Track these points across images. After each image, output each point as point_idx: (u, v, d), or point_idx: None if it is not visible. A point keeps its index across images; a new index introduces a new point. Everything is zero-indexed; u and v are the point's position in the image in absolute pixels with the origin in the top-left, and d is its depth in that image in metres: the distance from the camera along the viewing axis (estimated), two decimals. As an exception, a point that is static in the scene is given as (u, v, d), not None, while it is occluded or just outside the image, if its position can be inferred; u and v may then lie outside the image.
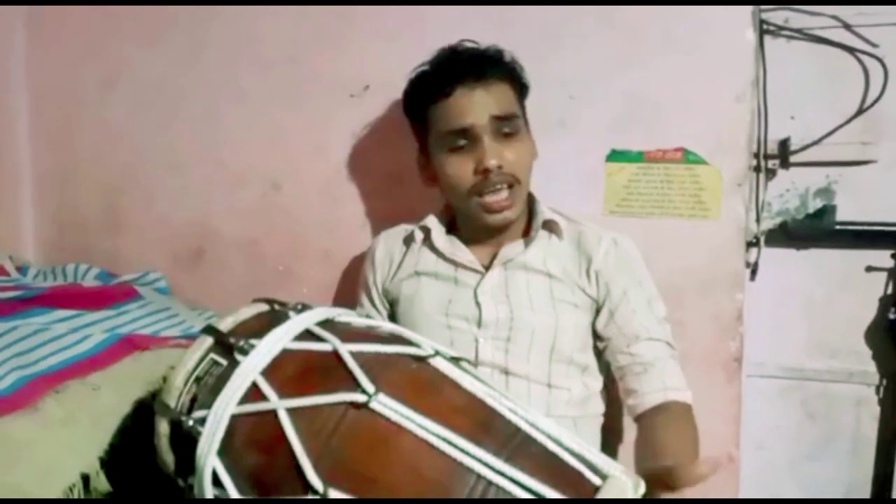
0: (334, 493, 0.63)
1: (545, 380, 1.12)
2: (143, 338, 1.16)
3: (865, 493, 1.44)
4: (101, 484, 0.90)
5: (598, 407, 1.19)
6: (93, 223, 1.66)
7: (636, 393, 1.09)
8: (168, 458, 0.78)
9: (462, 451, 0.63)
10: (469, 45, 1.15)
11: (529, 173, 1.14)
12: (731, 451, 1.32)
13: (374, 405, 0.67)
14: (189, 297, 1.51)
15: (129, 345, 1.12)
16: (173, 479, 0.78)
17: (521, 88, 1.16)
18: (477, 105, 1.08)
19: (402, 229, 1.26)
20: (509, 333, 1.12)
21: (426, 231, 1.21)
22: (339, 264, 1.51)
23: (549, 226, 1.17)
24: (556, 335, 1.12)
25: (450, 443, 0.64)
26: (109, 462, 0.92)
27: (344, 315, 0.85)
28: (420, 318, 1.16)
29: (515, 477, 0.62)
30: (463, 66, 1.10)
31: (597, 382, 1.18)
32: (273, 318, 0.80)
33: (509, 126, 1.09)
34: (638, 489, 0.65)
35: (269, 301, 0.85)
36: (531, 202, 1.20)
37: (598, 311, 1.15)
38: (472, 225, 1.18)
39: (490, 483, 0.62)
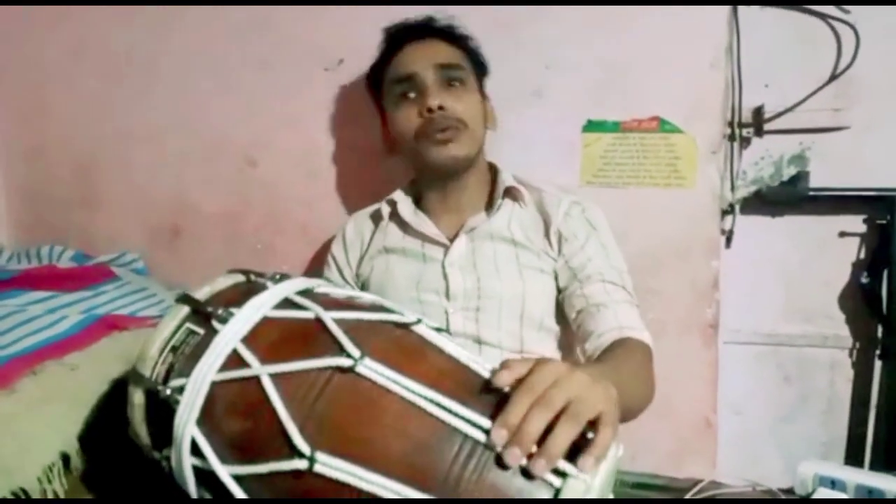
0: (322, 456, 0.63)
1: (518, 346, 1.12)
2: (120, 318, 1.15)
3: (840, 454, 1.48)
4: (82, 463, 0.90)
5: None
6: (66, 200, 1.64)
7: (592, 335, 1.03)
8: (142, 429, 0.76)
9: (449, 411, 0.63)
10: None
11: (479, 124, 1.17)
12: (709, 416, 1.34)
13: (359, 369, 0.66)
14: (166, 276, 1.50)
15: (107, 325, 1.11)
16: (147, 451, 0.77)
17: (471, 54, 1.21)
18: (422, 55, 1.15)
19: (370, 209, 1.29)
20: (478, 303, 1.13)
21: (392, 204, 1.23)
22: (318, 240, 1.51)
23: (512, 193, 1.18)
24: (524, 301, 1.12)
25: (436, 403, 0.64)
26: (89, 441, 0.92)
27: (323, 286, 0.84)
28: (391, 295, 1.16)
29: None
30: (411, 28, 1.20)
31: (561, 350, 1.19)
32: (250, 288, 0.79)
33: (455, 74, 1.15)
34: (618, 450, 0.66)
35: (246, 272, 0.84)
36: (494, 172, 1.22)
37: (556, 265, 1.14)
38: (429, 185, 1.20)
39: (477, 443, 0.61)
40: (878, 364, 1.43)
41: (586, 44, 1.33)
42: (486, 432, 0.61)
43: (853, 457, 1.46)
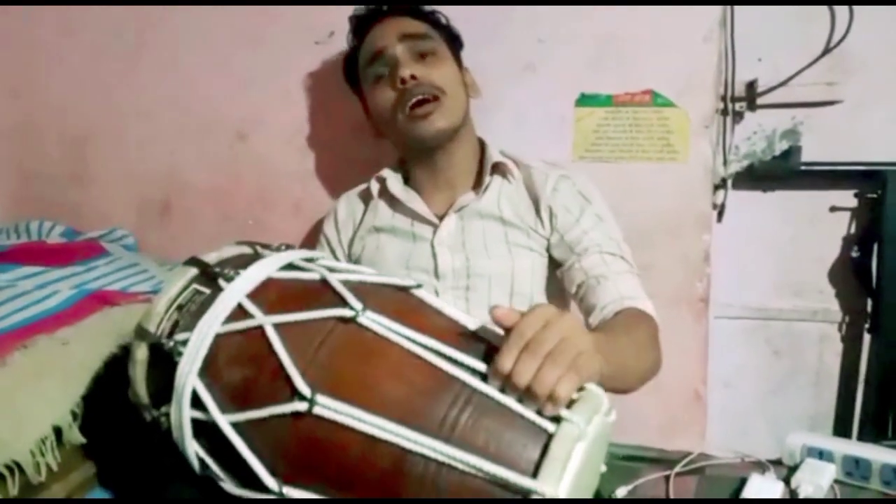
0: (322, 399, 0.64)
1: None
2: (112, 293, 1.15)
3: (828, 426, 1.49)
4: (75, 436, 0.91)
5: None
6: (57, 176, 1.63)
7: (595, 309, 1.03)
8: (142, 388, 0.77)
9: (447, 359, 0.65)
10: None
11: (459, 92, 1.15)
12: (699, 389, 1.35)
13: (361, 320, 0.68)
14: (157, 252, 1.50)
15: (98, 300, 1.11)
16: (146, 410, 0.78)
17: (439, 26, 1.20)
18: (387, 31, 1.15)
19: (359, 188, 1.28)
20: (467, 282, 1.13)
21: (381, 181, 1.22)
22: (311, 216, 1.51)
23: (500, 168, 1.16)
24: (513, 279, 1.12)
25: (435, 352, 0.66)
26: (82, 415, 0.92)
27: (327, 259, 0.86)
28: None
29: None
30: (374, 10, 1.19)
31: None
32: (256, 258, 0.81)
33: (424, 45, 1.13)
34: (610, 414, 0.67)
35: (252, 244, 0.86)
36: (482, 149, 1.20)
37: (550, 243, 1.13)
38: (417, 161, 1.18)
39: (475, 390, 0.63)
40: (866, 337, 1.44)
41: (579, 17, 1.32)
42: (484, 379, 0.63)
43: (841, 429, 1.48)
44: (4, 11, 1.60)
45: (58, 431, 0.89)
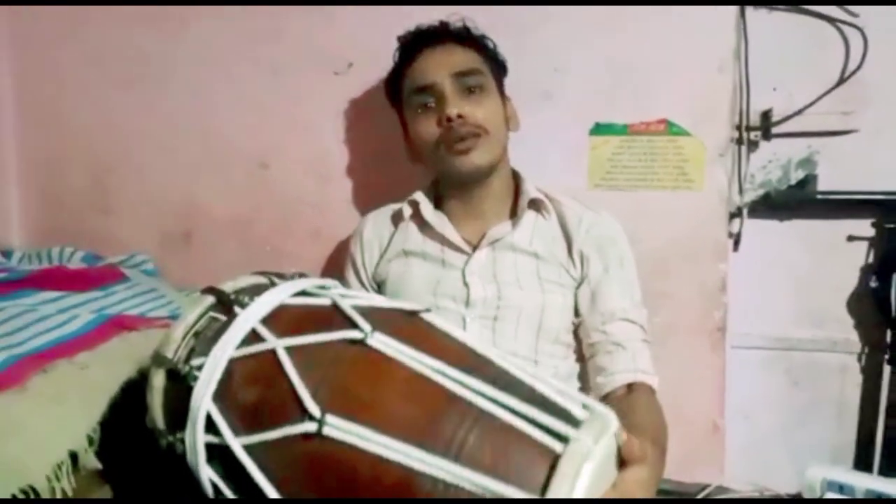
0: (332, 419, 0.65)
1: (532, 357, 1.13)
2: (130, 318, 1.16)
3: (849, 458, 1.47)
4: (91, 461, 0.90)
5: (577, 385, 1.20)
6: (80, 204, 1.65)
7: (605, 371, 1.09)
8: (158, 414, 0.79)
9: (455, 381, 0.66)
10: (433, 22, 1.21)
11: (501, 128, 1.16)
12: (717, 420, 1.34)
13: (370, 341, 0.70)
14: (177, 279, 1.51)
15: (117, 325, 1.12)
16: (162, 436, 0.79)
17: (487, 55, 1.20)
18: (438, 64, 1.14)
19: (389, 208, 1.28)
20: (496, 312, 1.13)
21: (414, 205, 1.22)
22: (330, 243, 1.52)
23: (535, 204, 1.18)
24: (542, 314, 1.13)
25: (442, 373, 0.67)
26: (99, 440, 0.92)
27: (339, 287, 0.87)
28: (408, 298, 1.17)
29: (507, 403, 0.63)
30: (424, 34, 1.18)
31: (580, 363, 1.19)
32: (271, 287, 0.83)
33: (473, 81, 1.14)
34: (620, 435, 0.67)
35: (267, 274, 0.88)
36: (518, 180, 1.22)
37: (578, 288, 1.15)
38: (452, 190, 1.20)
39: (482, 411, 0.63)
40: (887, 369, 1.42)
41: (595, 46, 1.34)
42: (490, 400, 0.64)
43: (862, 461, 1.45)
44: (30, 43, 1.64)
45: (74, 456, 0.89)
